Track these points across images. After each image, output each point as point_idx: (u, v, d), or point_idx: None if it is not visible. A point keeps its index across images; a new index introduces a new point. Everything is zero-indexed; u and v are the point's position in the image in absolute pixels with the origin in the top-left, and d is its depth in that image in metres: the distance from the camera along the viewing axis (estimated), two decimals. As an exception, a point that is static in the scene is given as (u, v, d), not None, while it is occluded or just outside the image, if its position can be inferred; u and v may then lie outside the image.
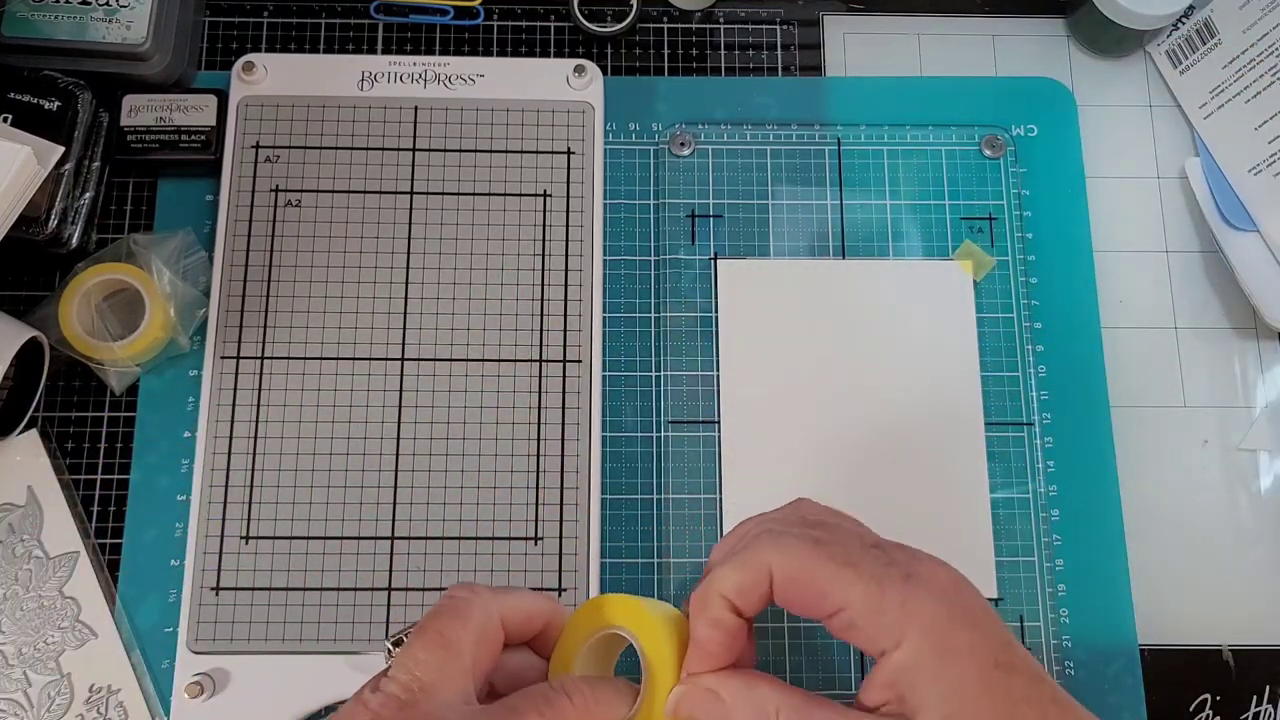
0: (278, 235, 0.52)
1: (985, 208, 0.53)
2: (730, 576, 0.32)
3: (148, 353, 0.49)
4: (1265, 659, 0.49)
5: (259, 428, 0.49)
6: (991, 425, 0.51)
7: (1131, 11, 0.53)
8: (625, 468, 0.50)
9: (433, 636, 0.31)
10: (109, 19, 0.50)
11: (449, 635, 0.31)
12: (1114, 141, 0.56)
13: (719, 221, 0.53)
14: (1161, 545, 0.50)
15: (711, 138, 0.54)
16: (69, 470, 0.50)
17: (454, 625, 0.31)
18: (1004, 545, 0.49)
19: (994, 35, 0.57)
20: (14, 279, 0.52)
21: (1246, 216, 0.53)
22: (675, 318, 0.52)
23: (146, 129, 0.51)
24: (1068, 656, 0.48)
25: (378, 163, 0.53)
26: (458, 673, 0.31)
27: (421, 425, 0.50)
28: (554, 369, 0.50)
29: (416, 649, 0.31)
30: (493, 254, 0.52)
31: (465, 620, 0.32)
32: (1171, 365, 0.53)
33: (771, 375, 0.51)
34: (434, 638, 0.31)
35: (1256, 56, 0.53)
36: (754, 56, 0.56)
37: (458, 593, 0.32)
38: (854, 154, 0.54)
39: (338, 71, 0.54)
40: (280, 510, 0.48)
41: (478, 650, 0.32)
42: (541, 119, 0.53)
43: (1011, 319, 0.52)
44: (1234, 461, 0.51)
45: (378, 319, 0.51)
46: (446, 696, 0.30)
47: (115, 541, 0.49)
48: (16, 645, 0.47)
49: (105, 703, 0.47)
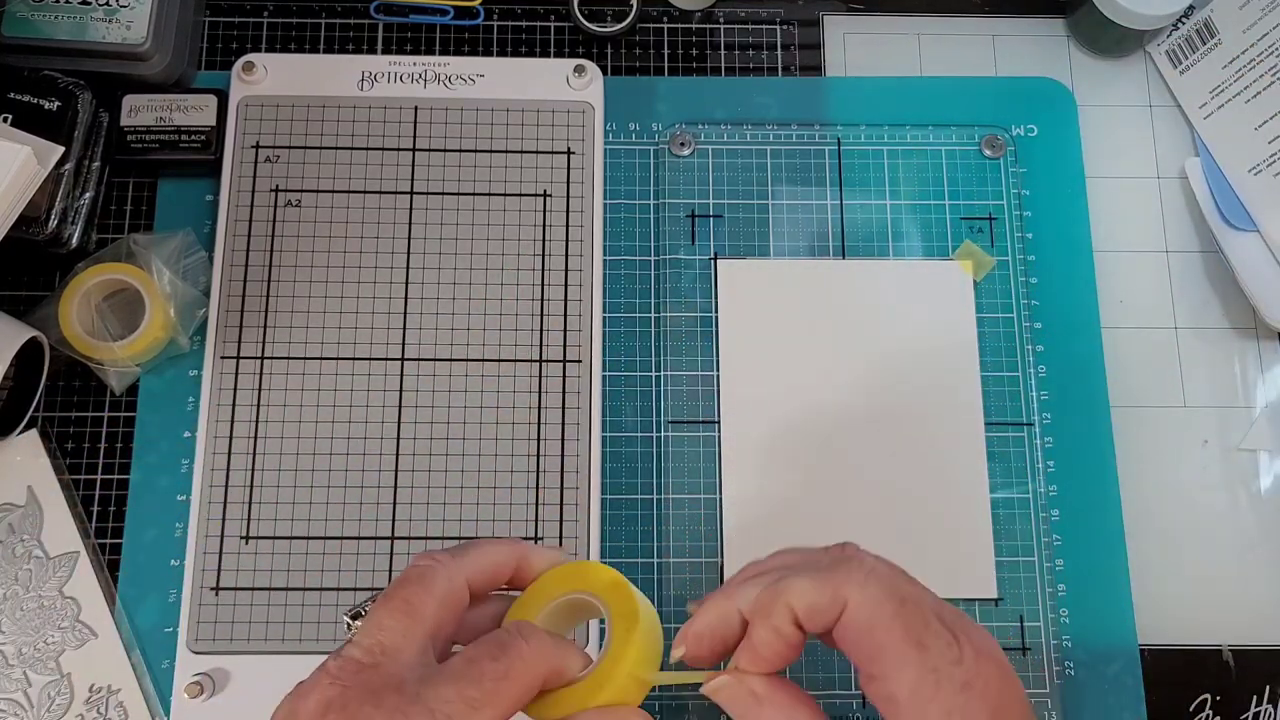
0: (278, 235, 0.52)
1: (985, 208, 0.53)
2: (807, 594, 0.31)
3: (148, 353, 0.49)
4: (1265, 659, 0.49)
5: (259, 428, 0.49)
6: (991, 425, 0.51)
7: (1131, 11, 0.53)
8: (625, 468, 0.50)
9: (397, 604, 0.31)
10: (109, 19, 0.50)
11: (413, 602, 0.31)
12: (1114, 141, 0.56)
13: (719, 221, 0.53)
14: (1161, 545, 0.50)
15: (711, 138, 0.54)
16: (69, 470, 0.50)
17: (418, 592, 0.32)
18: (1004, 545, 0.49)
19: (994, 35, 0.57)
20: (14, 279, 0.52)
21: (1246, 216, 0.53)
22: (675, 318, 0.52)
23: (146, 129, 0.51)
24: (1068, 656, 0.48)
25: (378, 163, 0.53)
26: (418, 636, 0.31)
27: (421, 425, 0.50)
28: (554, 369, 0.50)
29: (381, 615, 0.31)
30: (493, 254, 0.52)
31: (429, 587, 0.32)
32: (1171, 365, 0.53)
33: (771, 375, 0.51)
34: (398, 604, 0.31)
35: (1256, 56, 0.53)
36: (754, 56, 0.56)
37: (421, 561, 0.33)
38: (854, 154, 0.54)
39: (338, 71, 0.54)
40: (280, 510, 0.48)
41: (440, 614, 0.32)
42: (541, 119, 0.53)
43: (1011, 319, 0.52)
44: (1234, 461, 0.51)
45: (378, 319, 0.51)
46: (407, 658, 0.30)
47: (115, 541, 0.49)
48: (16, 645, 0.47)
49: (105, 703, 0.47)
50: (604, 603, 0.33)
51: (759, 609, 0.32)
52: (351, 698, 0.29)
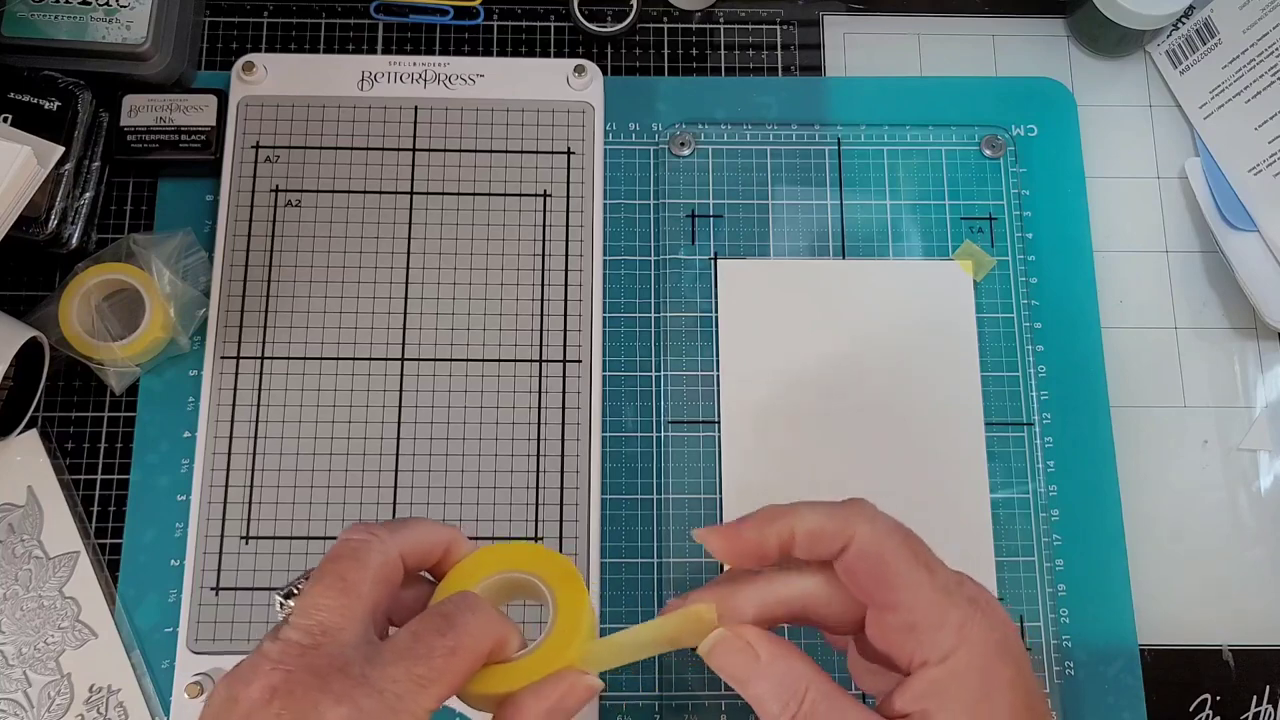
0: (278, 235, 0.52)
1: (985, 208, 0.53)
2: (814, 516, 0.32)
3: (148, 353, 0.49)
4: (1265, 659, 0.49)
5: (259, 428, 0.49)
6: (991, 425, 0.51)
7: (1131, 11, 0.53)
8: (625, 468, 0.50)
9: (332, 581, 0.30)
10: (109, 19, 0.50)
11: (349, 578, 0.30)
12: (1114, 141, 0.56)
13: (719, 221, 0.53)
14: (1161, 545, 0.50)
15: (711, 138, 0.54)
16: (69, 470, 0.50)
17: (352, 568, 0.31)
18: (1004, 545, 0.49)
19: (994, 35, 0.57)
20: (14, 279, 0.52)
21: (1246, 216, 0.53)
22: (675, 318, 0.52)
23: (146, 129, 0.51)
24: (1068, 656, 0.48)
25: (378, 163, 0.53)
26: (358, 614, 0.30)
27: (421, 425, 0.50)
28: (554, 369, 0.51)
29: (317, 594, 0.30)
30: (493, 254, 0.52)
31: (363, 562, 0.31)
32: (1171, 365, 0.53)
33: (771, 375, 0.51)
34: (334, 581, 0.30)
35: (1256, 56, 0.53)
36: (754, 56, 0.56)
37: (354, 535, 0.32)
38: (854, 154, 0.54)
39: (338, 71, 0.54)
40: (280, 510, 0.48)
41: (376, 590, 0.31)
42: (541, 119, 0.54)
43: (1011, 319, 0.52)
44: (1234, 461, 0.51)
45: (378, 319, 0.51)
46: (348, 638, 0.29)
47: (115, 541, 0.49)
48: (16, 645, 0.47)
49: (105, 703, 0.47)
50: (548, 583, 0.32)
51: (762, 518, 0.32)
52: (297, 682, 0.28)
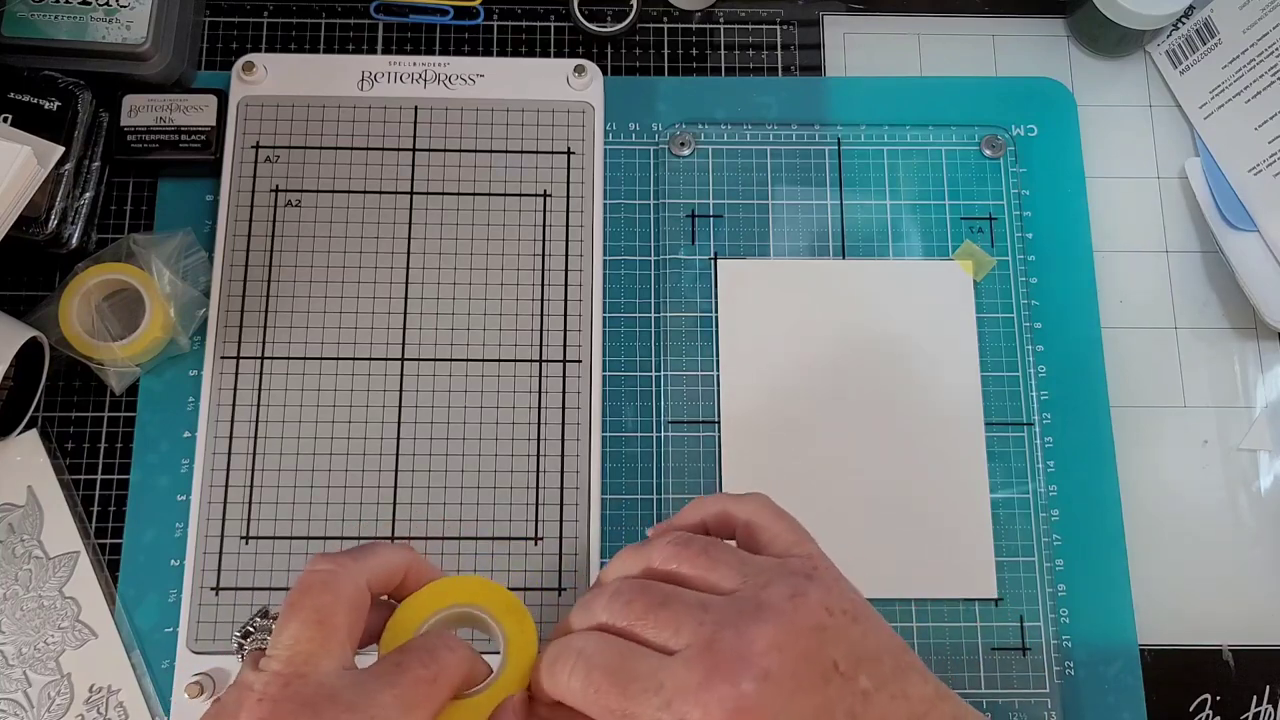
0: (278, 235, 0.52)
1: (985, 208, 0.53)
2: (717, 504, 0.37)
3: (148, 353, 0.49)
4: (1265, 659, 0.49)
5: (259, 428, 0.49)
6: (991, 425, 0.51)
7: (1131, 11, 0.53)
8: (625, 468, 0.50)
9: (308, 614, 0.31)
10: (109, 19, 0.50)
11: (324, 611, 0.31)
12: (1114, 141, 0.56)
13: (719, 221, 0.53)
14: (1161, 545, 0.50)
15: (711, 138, 0.54)
16: (69, 470, 0.50)
17: (328, 601, 0.31)
18: (1004, 545, 0.49)
19: (994, 35, 0.57)
20: (14, 279, 0.52)
21: (1246, 216, 0.53)
22: (675, 318, 0.52)
23: (146, 129, 0.51)
24: (1068, 656, 0.48)
25: (378, 163, 0.53)
26: (337, 644, 0.31)
27: (421, 425, 0.50)
28: (554, 369, 0.50)
29: (294, 627, 0.31)
30: (493, 254, 0.52)
31: (335, 592, 0.31)
32: (1171, 365, 0.53)
33: (771, 375, 0.51)
34: (309, 615, 0.31)
35: (1256, 56, 0.53)
36: (754, 56, 0.56)
37: (320, 565, 0.32)
38: (854, 154, 0.54)
39: (338, 71, 0.54)
40: (280, 510, 0.48)
41: (349, 618, 0.32)
42: (541, 119, 0.53)
43: (1011, 319, 0.52)
44: (1234, 461, 0.51)
45: (378, 319, 0.51)
46: (330, 666, 0.30)
47: (115, 541, 0.49)
48: (16, 645, 0.47)
49: (105, 703, 0.47)
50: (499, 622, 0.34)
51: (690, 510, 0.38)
52: (286, 712, 0.29)
